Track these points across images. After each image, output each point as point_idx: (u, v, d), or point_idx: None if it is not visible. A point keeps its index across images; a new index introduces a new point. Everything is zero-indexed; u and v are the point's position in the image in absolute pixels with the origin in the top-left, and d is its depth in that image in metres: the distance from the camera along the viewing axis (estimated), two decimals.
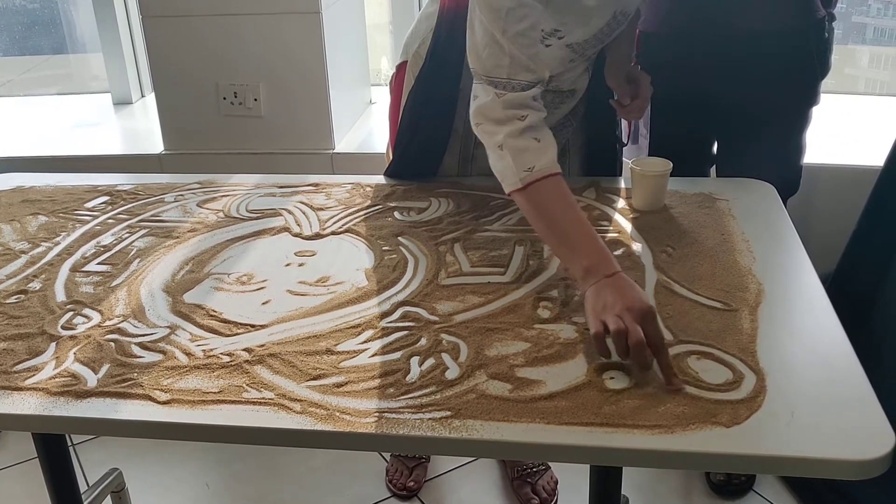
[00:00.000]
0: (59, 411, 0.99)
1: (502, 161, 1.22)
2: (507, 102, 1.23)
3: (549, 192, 1.19)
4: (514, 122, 1.23)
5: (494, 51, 1.23)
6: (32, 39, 3.64)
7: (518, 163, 1.20)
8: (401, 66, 1.59)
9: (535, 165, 1.19)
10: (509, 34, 1.22)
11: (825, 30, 1.65)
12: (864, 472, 0.85)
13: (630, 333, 0.99)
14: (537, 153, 1.21)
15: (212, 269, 1.31)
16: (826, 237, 1.91)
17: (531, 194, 1.20)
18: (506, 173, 1.22)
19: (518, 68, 1.23)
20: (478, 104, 1.26)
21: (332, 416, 0.95)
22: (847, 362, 1.01)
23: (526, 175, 1.19)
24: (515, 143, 1.22)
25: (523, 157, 1.20)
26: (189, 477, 2.00)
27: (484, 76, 1.25)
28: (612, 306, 1.03)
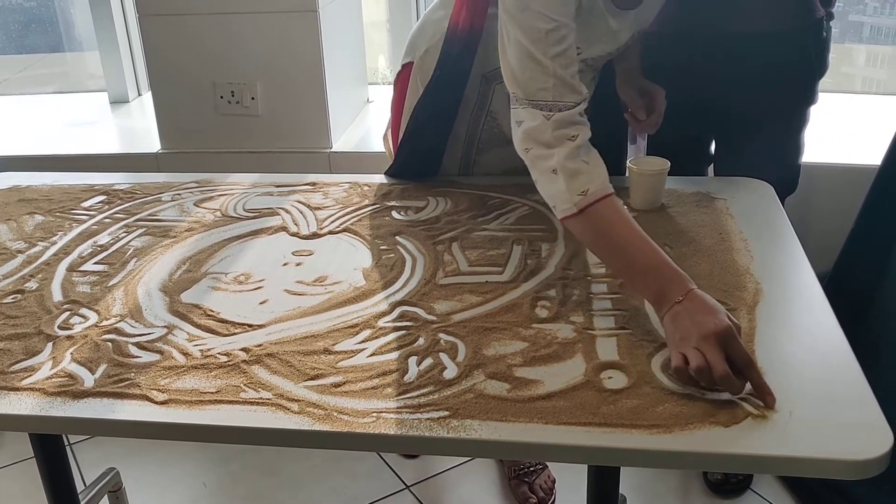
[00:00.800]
0: (56, 412, 0.99)
1: (554, 185, 1.17)
2: (557, 122, 1.18)
3: (606, 215, 1.14)
4: (565, 142, 1.18)
5: (536, 74, 1.19)
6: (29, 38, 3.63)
7: (571, 187, 1.15)
8: (405, 66, 1.59)
9: (590, 188, 1.14)
10: (550, 55, 1.18)
11: (823, 29, 1.65)
12: (863, 471, 0.85)
13: (713, 367, 0.94)
14: (590, 175, 1.16)
15: (209, 269, 1.31)
16: (824, 236, 1.91)
17: (587, 218, 1.15)
18: (558, 199, 1.17)
19: (564, 89, 1.19)
20: (525, 128, 1.21)
21: (330, 416, 0.95)
22: (845, 361, 1.01)
23: (580, 199, 1.14)
24: (568, 165, 1.17)
25: (576, 180, 1.15)
26: (186, 476, 2.00)
27: (527, 100, 1.21)
28: (690, 337, 0.98)
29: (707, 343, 0.96)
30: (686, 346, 0.98)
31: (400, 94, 1.61)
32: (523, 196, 1.50)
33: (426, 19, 1.56)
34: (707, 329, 0.97)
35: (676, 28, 1.66)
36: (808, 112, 1.72)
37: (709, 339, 0.96)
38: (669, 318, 1.03)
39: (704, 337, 0.97)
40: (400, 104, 1.60)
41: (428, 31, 1.54)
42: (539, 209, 1.45)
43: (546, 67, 1.19)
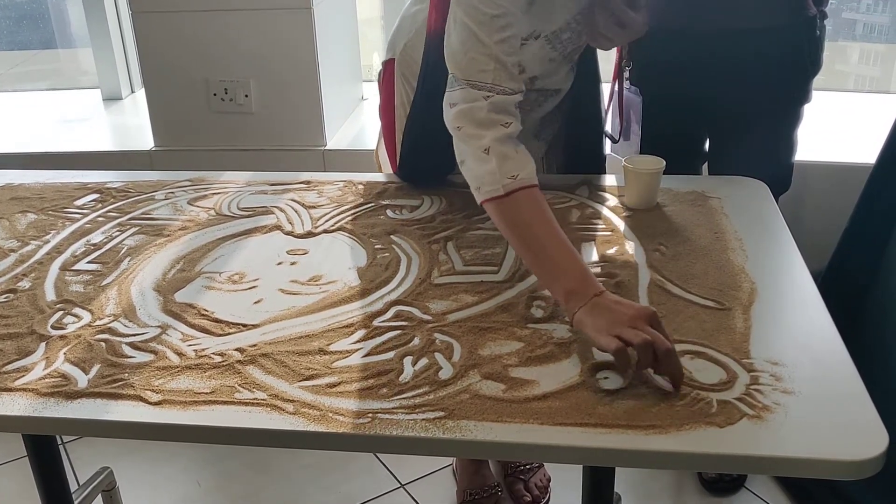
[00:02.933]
0: (50, 412, 0.98)
1: (484, 165, 1.17)
2: (494, 105, 1.20)
3: (529, 205, 1.15)
4: (498, 127, 1.19)
5: (478, 55, 1.21)
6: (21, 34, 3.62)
7: (503, 169, 1.16)
8: (388, 64, 1.58)
9: (519, 174, 1.15)
10: (494, 40, 1.20)
11: (817, 27, 1.65)
12: (858, 472, 0.85)
13: (657, 343, 0.95)
14: (521, 162, 1.17)
15: (203, 268, 1.30)
16: (818, 234, 1.92)
17: (510, 205, 1.15)
18: (486, 179, 1.17)
19: (503, 75, 1.21)
20: (460, 107, 1.22)
21: (325, 416, 0.95)
22: (840, 361, 1.01)
23: (509, 182, 1.15)
24: (501, 148, 1.17)
25: (507, 164, 1.16)
26: (180, 475, 1.99)
27: (465, 80, 1.22)
28: (621, 320, 0.99)
29: (641, 323, 0.98)
30: (618, 327, 0.98)
31: (387, 95, 1.59)
32: None
33: (402, 15, 1.55)
34: (637, 311, 0.99)
35: (669, 24, 1.66)
36: (802, 110, 1.73)
37: (641, 319, 0.98)
38: (586, 311, 1.03)
39: (637, 318, 0.98)
40: (389, 105, 1.59)
41: (405, 27, 1.53)
42: None
43: (489, 49, 1.20)
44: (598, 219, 1.40)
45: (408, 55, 1.51)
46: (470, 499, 1.82)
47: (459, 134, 1.22)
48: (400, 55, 1.53)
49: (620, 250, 1.30)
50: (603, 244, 1.32)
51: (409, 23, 1.52)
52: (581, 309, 1.04)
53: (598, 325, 1.01)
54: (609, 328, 0.99)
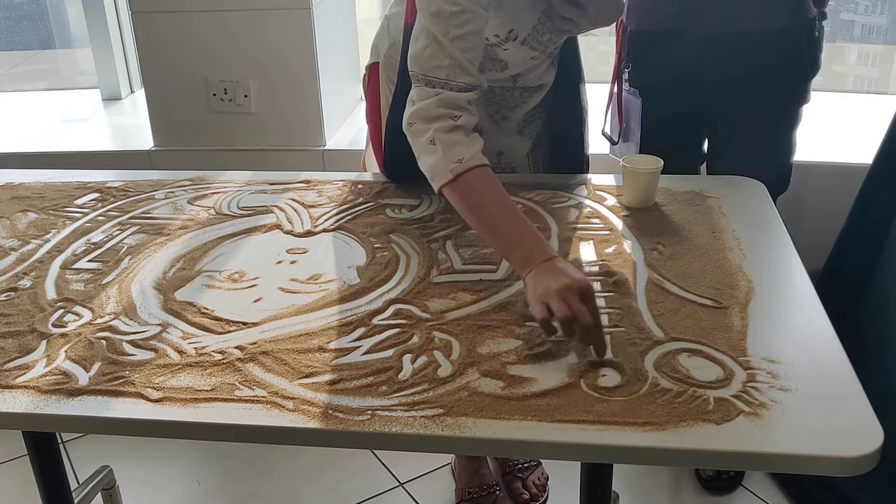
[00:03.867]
0: (51, 409, 0.99)
1: (433, 156, 1.22)
2: (443, 101, 1.24)
3: (479, 183, 1.20)
4: (445, 119, 1.24)
5: (435, 52, 1.24)
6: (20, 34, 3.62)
7: (448, 156, 1.21)
8: (372, 67, 1.58)
9: (464, 157, 1.20)
10: (450, 36, 1.23)
11: (816, 28, 1.66)
12: (854, 468, 0.86)
13: (577, 316, 1.01)
14: (466, 146, 1.22)
15: (203, 267, 1.31)
16: (815, 234, 1.92)
17: (461, 186, 1.20)
18: (436, 168, 1.22)
19: (457, 70, 1.24)
20: (414, 106, 1.26)
21: (325, 413, 0.95)
22: (836, 359, 1.01)
23: (456, 166, 1.20)
24: (446, 136, 1.22)
25: (453, 150, 1.21)
26: (180, 474, 2.00)
27: (422, 76, 1.26)
28: (554, 290, 1.04)
29: (570, 294, 1.03)
30: (550, 297, 1.04)
31: (373, 99, 1.59)
32: (516, 195, 1.50)
33: (386, 17, 1.56)
34: (571, 282, 1.04)
35: (667, 26, 1.67)
36: (801, 111, 1.73)
37: (571, 290, 1.03)
38: (532, 276, 1.09)
39: (567, 288, 1.03)
40: (375, 109, 1.59)
41: (387, 29, 1.53)
42: (532, 207, 1.46)
43: (444, 47, 1.24)
44: (596, 218, 1.41)
45: (391, 57, 1.51)
46: (468, 498, 1.82)
47: (411, 130, 1.27)
48: (384, 57, 1.53)
49: (619, 249, 1.30)
50: (601, 243, 1.32)
51: (390, 26, 1.52)
52: (529, 273, 1.10)
53: (536, 290, 1.07)
54: (543, 295, 1.05)
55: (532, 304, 1.07)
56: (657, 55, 1.68)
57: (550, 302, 1.03)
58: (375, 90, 1.57)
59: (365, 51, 2.69)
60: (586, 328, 1.02)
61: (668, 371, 1.00)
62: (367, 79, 1.61)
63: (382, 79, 1.55)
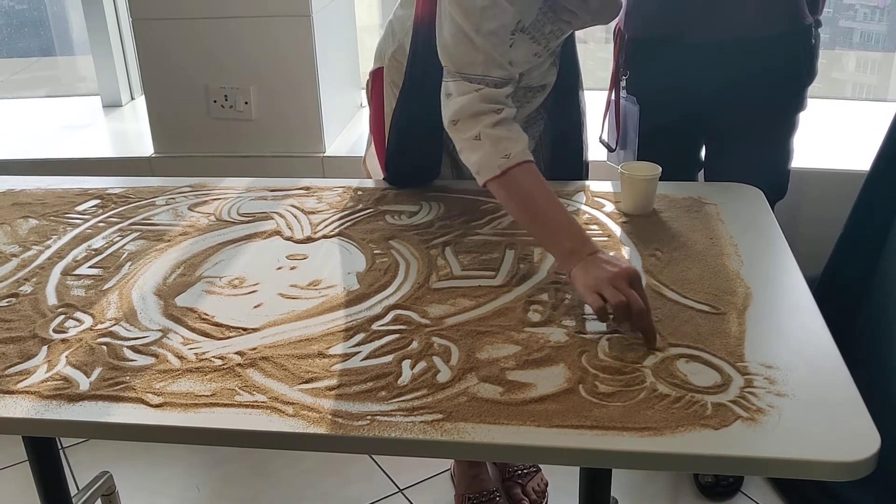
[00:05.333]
0: (52, 415, 0.99)
1: (479, 151, 1.26)
2: (484, 97, 1.27)
3: (526, 179, 1.24)
4: (489, 114, 1.27)
5: (467, 48, 1.27)
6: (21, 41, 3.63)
7: (496, 151, 1.24)
8: (376, 73, 1.58)
9: (512, 153, 1.24)
10: (482, 32, 1.26)
11: (812, 36, 1.67)
12: (851, 473, 0.86)
13: (631, 302, 1.06)
14: (512, 142, 1.26)
15: (203, 273, 1.31)
16: (813, 241, 1.93)
17: (509, 181, 1.24)
18: (482, 163, 1.26)
19: (492, 65, 1.27)
20: (454, 102, 1.29)
21: (324, 419, 0.96)
22: (833, 365, 1.02)
23: (503, 162, 1.23)
24: (492, 132, 1.26)
25: (500, 145, 1.25)
26: (179, 479, 2.00)
27: (457, 73, 1.29)
28: (605, 279, 1.09)
29: (621, 282, 1.08)
30: (603, 286, 1.09)
31: (377, 104, 1.60)
32: None
33: (390, 21, 1.56)
34: (618, 271, 1.09)
35: (665, 32, 1.67)
36: (798, 118, 1.74)
37: (622, 278, 1.08)
38: (580, 269, 1.14)
39: (618, 277, 1.08)
40: (379, 113, 1.59)
41: (392, 33, 1.54)
42: None
43: (476, 43, 1.26)
44: (594, 224, 1.42)
45: (397, 60, 1.52)
46: (468, 502, 1.82)
47: (455, 128, 1.30)
48: (388, 61, 1.54)
49: (617, 255, 1.31)
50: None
51: (396, 29, 1.53)
52: (576, 267, 1.14)
53: (586, 282, 1.12)
54: (594, 285, 1.10)
55: (584, 295, 1.11)
56: (655, 62, 1.69)
57: (603, 290, 1.08)
58: (379, 95, 1.58)
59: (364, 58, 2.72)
60: (639, 313, 1.06)
61: (666, 376, 1.00)
62: (371, 84, 1.61)
63: (387, 82, 1.56)
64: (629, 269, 1.10)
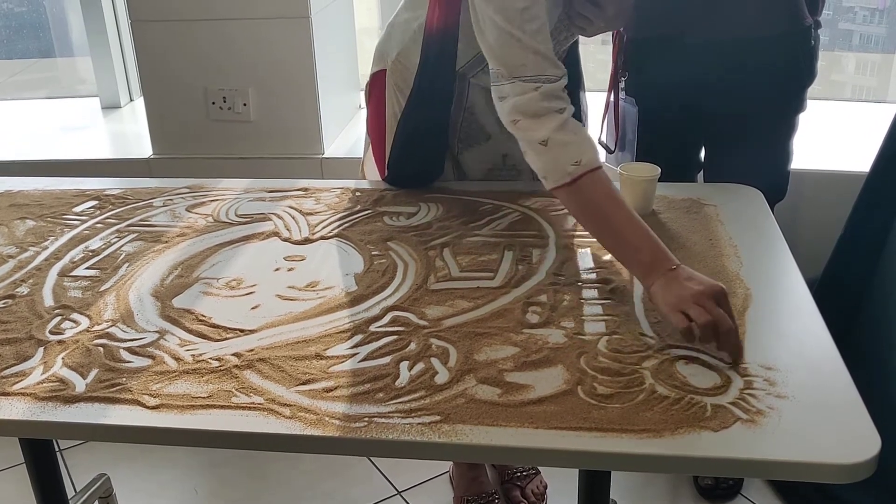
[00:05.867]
0: (47, 416, 0.99)
1: (545, 156, 1.23)
2: (545, 94, 1.23)
3: (597, 188, 1.20)
4: (553, 115, 1.23)
5: (516, 50, 1.24)
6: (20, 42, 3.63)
7: (564, 158, 1.21)
8: (377, 75, 1.58)
9: (582, 160, 1.20)
10: (527, 32, 1.24)
11: (811, 37, 1.67)
12: (851, 475, 0.86)
13: (719, 322, 1.02)
14: (581, 147, 1.22)
15: (201, 274, 1.31)
16: (813, 242, 1.92)
17: (580, 190, 1.20)
18: (549, 169, 1.22)
19: (544, 63, 1.24)
20: (513, 101, 1.25)
21: (322, 420, 0.95)
22: (833, 366, 1.01)
23: (574, 169, 1.20)
24: (560, 136, 1.22)
25: (568, 151, 1.21)
26: (177, 481, 1.99)
27: (511, 76, 1.25)
28: (688, 297, 1.05)
29: (707, 301, 1.03)
30: (685, 304, 1.04)
31: (377, 106, 1.59)
32: (515, 202, 1.51)
33: (392, 24, 1.55)
34: (703, 289, 1.05)
35: (664, 33, 1.67)
36: (797, 119, 1.73)
37: (708, 297, 1.04)
38: (661, 286, 1.09)
39: (703, 294, 1.04)
40: (379, 116, 1.59)
41: (396, 35, 1.53)
42: (530, 215, 1.46)
43: (524, 44, 1.24)
44: None
45: (401, 64, 1.51)
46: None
47: (516, 127, 1.26)
48: (392, 64, 1.53)
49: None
50: (599, 250, 1.32)
51: (400, 31, 1.52)
52: (655, 283, 1.10)
53: (668, 300, 1.07)
54: (678, 304, 1.05)
55: (668, 314, 1.07)
56: (654, 63, 1.68)
57: (688, 309, 1.04)
58: (380, 98, 1.57)
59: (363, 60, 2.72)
60: (727, 332, 1.02)
61: (666, 378, 1.00)
62: (370, 87, 1.61)
63: (390, 86, 1.55)
64: (715, 286, 1.05)
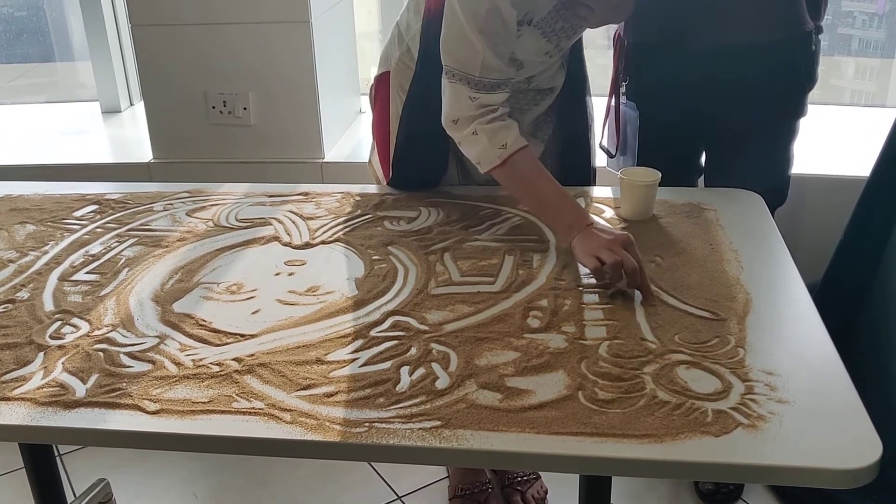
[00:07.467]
0: (48, 421, 0.98)
1: (478, 145, 1.37)
2: (481, 105, 1.37)
3: (524, 164, 1.37)
4: (486, 114, 1.37)
5: (468, 48, 1.34)
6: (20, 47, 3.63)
7: (493, 142, 1.36)
8: (381, 78, 1.58)
9: (507, 142, 1.36)
10: (486, 33, 1.32)
11: (812, 42, 1.67)
12: (852, 480, 0.86)
13: (625, 262, 1.18)
14: (507, 131, 1.37)
15: (201, 279, 1.31)
16: (813, 247, 1.92)
17: (509, 168, 1.36)
18: (483, 154, 1.37)
19: (489, 69, 1.35)
20: (451, 106, 1.38)
21: (322, 425, 0.95)
22: (834, 371, 1.01)
23: (502, 151, 1.36)
24: (488, 126, 1.37)
25: (496, 136, 1.36)
26: (176, 487, 1.99)
27: (458, 70, 1.36)
28: (602, 244, 1.21)
29: (616, 245, 1.21)
30: (599, 250, 1.21)
31: (382, 107, 1.59)
32: (515, 207, 1.51)
33: (396, 26, 1.57)
34: (613, 237, 1.23)
35: (665, 38, 1.67)
36: (798, 124, 1.73)
37: (617, 243, 1.21)
38: (578, 239, 1.27)
39: (613, 241, 1.22)
40: (384, 117, 1.59)
41: (399, 37, 1.54)
42: (530, 219, 1.46)
43: (475, 46, 1.33)
44: None
45: (404, 64, 1.51)
46: (461, 494, 1.82)
47: (454, 126, 1.40)
48: (395, 65, 1.53)
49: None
50: None
51: (402, 32, 1.53)
52: (576, 238, 1.27)
53: (584, 248, 1.25)
54: (592, 251, 1.22)
55: (582, 259, 1.24)
56: (655, 68, 1.68)
57: (600, 253, 1.20)
58: (385, 100, 1.58)
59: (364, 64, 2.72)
60: (633, 271, 1.17)
61: (667, 383, 1.00)
62: (375, 89, 1.61)
63: (394, 87, 1.55)
64: (623, 235, 1.22)
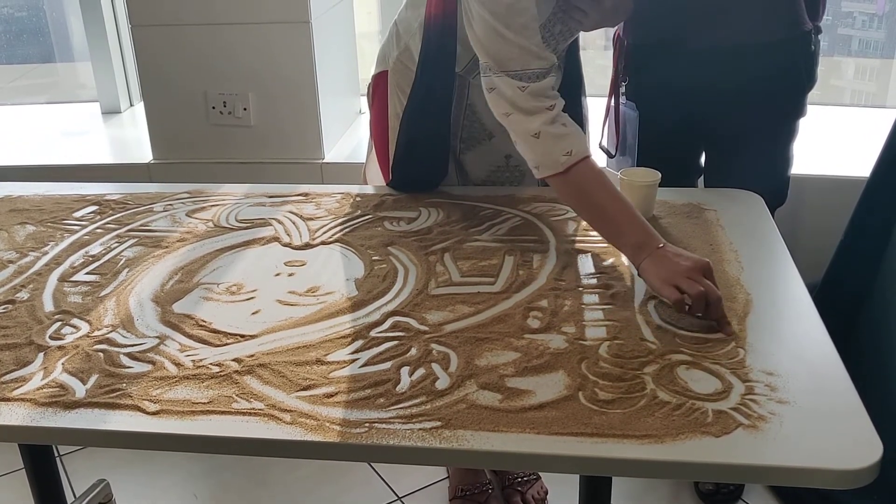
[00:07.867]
0: (47, 422, 0.98)
1: (538, 148, 1.30)
2: (533, 93, 1.30)
3: (588, 175, 1.28)
4: (544, 112, 1.30)
5: (501, 45, 1.30)
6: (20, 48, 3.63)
7: (557, 148, 1.28)
8: (379, 77, 1.58)
9: (573, 149, 1.28)
10: (513, 28, 1.28)
11: (812, 42, 1.67)
12: (852, 481, 0.86)
13: (709, 293, 1.10)
14: (572, 138, 1.29)
15: (201, 279, 1.31)
16: (813, 247, 1.92)
17: (572, 177, 1.28)
18: (544, 159, 1.30)
19: (529, 57, 1.29)
20: (503, 97, 1.32)
21: (322, 426, 0.95)
22: (835, 372, 1.01)
23: (566, 159, 1.27)
24: (551, 129, 1.29)
25: (561, 142, 1.28)
26: (176, 487, 1.99)
27: (500, 70, 1.31)
28: (680, 272, 1.13)
29: (696, 274, 1.13)
30: (677, 278, 1.13)
31: (380, 108, 1.59)
32: (515, 207, 1.51)
33: (394, 24, 1.56)
34: (692, 264, 1.14)
35: (664, 39, 1.67)
36: (797, 124, 1.73)
37: (697, 270, 1.13)
38: (651, 262, 1.18)
39: (693, 269, 1.13)
40: (382, 118, 1.59)
41: (397, 35, 1.53)
42: (530, 220, 1.46)
43: (508, 39, 1.29)
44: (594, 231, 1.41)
45: (402, 64, 1.51)
46: (461, 495, 1.82)
47: (508, 120, 1.33)
48: (394, 65, 1.53)
49: (616, 262, 1.30)
50: (599, 256, 1.32)
51: (401, 31, 1.52)
52: (646, 259, 1.18)
53: (661, 275, 1.16)
54: (670, 278, 1.14)
55: (660, 288, 1.15)
56: (655, 68, 1.68)
57: (679, 282, 1.12)
58: (383, 100, 1.57)
59: (364, 64, 2.72)
60: (716, 302, 1.10)
61: (667, 383, 1.00)
62: (373, 89, 1.60)
63: (392, 86, 1.55)
64: (702, 261, 1.14)
